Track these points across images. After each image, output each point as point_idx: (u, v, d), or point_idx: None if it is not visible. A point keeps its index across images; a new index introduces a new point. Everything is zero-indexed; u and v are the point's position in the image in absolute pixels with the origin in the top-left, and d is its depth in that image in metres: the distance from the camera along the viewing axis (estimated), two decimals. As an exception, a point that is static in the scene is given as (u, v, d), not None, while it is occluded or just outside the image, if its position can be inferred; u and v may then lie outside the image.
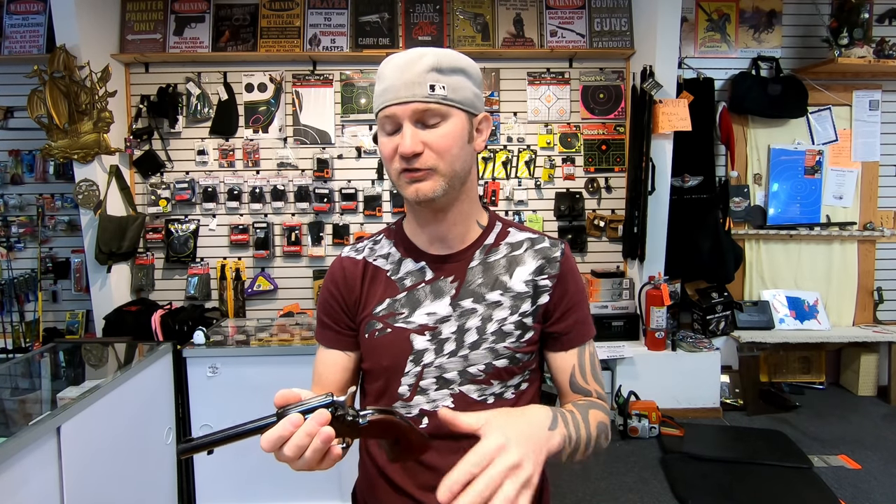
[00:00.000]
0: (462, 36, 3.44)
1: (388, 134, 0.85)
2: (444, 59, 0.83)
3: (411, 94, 0.81)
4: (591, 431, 0.82)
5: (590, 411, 0.85)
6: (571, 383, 0.93)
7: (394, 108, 0.82)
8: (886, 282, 3.71)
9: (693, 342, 3.39)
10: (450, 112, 0.83)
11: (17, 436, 1.45)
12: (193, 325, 2.87)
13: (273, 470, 2.37)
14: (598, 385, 0.93)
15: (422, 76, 0.81)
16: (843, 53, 3.33)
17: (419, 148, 0.82)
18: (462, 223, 0.93)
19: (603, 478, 2.61)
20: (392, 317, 0.91)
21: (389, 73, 0.84)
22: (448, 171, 0.84)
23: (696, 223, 3.44)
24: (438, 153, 0.83)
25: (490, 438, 0.66)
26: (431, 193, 0.84)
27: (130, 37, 3.35)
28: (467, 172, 0.89)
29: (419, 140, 0.82)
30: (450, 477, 0.63)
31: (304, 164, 3.46)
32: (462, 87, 0.84)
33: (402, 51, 0.86)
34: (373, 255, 0.98)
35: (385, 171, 0.91)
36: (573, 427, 0.78)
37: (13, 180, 3.40)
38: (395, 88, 0.82)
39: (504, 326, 0.89)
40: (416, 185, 0.84)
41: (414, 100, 0.81)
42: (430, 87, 0.81)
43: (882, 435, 3.03)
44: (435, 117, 0.83)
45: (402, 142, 0.82)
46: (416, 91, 0.81)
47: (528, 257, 0.93)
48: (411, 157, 0.82)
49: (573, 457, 0.80)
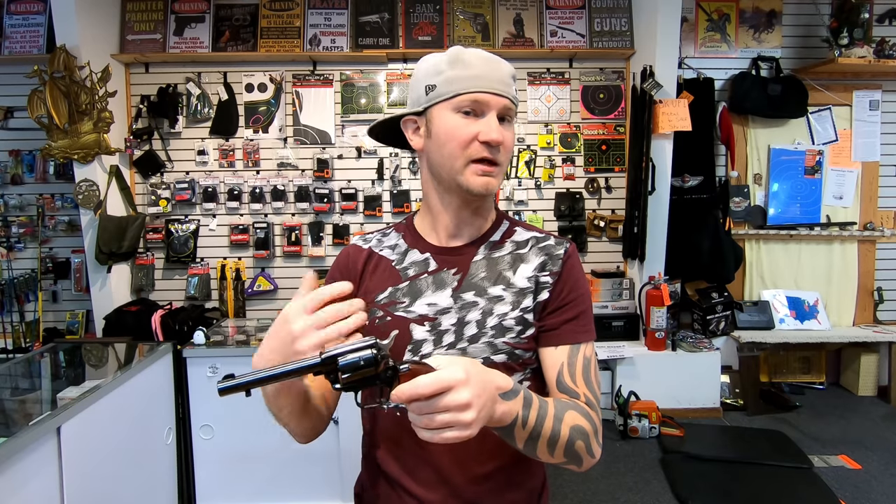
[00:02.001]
0: (462, 36, 3.44)
1: (465, 116, 0.87)
2: (512, 71, 0.92)
3: (505, 90, 0.87)
4: (560, 429, 0.78)
5: (567, 411, 0.81)
6: (558, 382, 0.88)
7: (487, 97, 0.86)
8: (886, 282, 3.71)
9: (693, 342, 3.39)
10: (514, 117, 0.92)
11: (17, 436, 1.45)
12: (193, 325, 2.87)
13: (273, 470, 2.37)
14: (588, 390, 0.88)
15: (508, 77, 0.89)
16: (843, 53, 3.33)
17: (503, 139, 0.87)
18: (484, 216, 0.97)
19: (603, 478, 2.61)
20: (393, 305, 0.92)
21: (477, 62, 0.87)
22: (505, 169, 0.92)
23: (696, 223, 3.44)
24: (507, 151, 0.89)
25: (452, 369, 0.66)
26: (492, 188, 0.89)
27: (130, 37, 3.35)
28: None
29: (502, 133, 0.87)
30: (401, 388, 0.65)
31: (304, 164, 3.46)
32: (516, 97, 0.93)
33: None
34: (380, 246, 1.00)
35: (440, 155, 0.88)
36: (534, 413, 0.76)
37: (13, 180, 3.40)
38: (488, 78, 0.86)
39: (504, 321, 0.89)
40: (487, 178, 0.88)
41: (507, 95, 0.87)
42: (514, 90, 0.90)
43: (882, 435, 3.03)
44: (511, 116, 0.90)
45: (488, 129, 0.85)
46: (508, 89, 0.88)
47: (532, 255, 0.94)
48: (495, 146, 0.86)
49: (531, 447, 0.77)
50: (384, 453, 0.93)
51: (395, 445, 0.92)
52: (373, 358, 0.68)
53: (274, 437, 2.19)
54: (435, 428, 0.66)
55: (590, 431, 0.82)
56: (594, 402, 0.88)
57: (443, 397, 0.65)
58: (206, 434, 2.37)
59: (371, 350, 0.68)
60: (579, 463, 0.83)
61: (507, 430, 0.74)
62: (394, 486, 0.92)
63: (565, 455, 0.80)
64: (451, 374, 0.66)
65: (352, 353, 0.68)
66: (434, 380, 0.65)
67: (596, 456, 0.84)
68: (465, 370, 0.67)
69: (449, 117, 0.87)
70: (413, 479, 0.90)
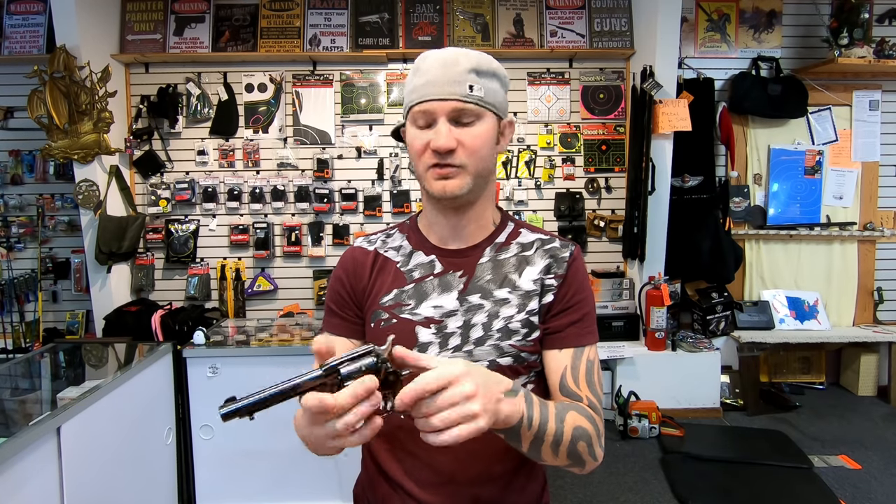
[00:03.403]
0: (462, 36, 3.44)
1: (421, 129, 0.87)
2: (483, 61, 0.87)
3: (451, 92, 0.84)
4: (563, 430, 0.78)
5: (569, 412, 0.80)
6: (561, 385, 0.88)
7: (432, 104, 0.84)
8: (886, 282, 3.71)
9: (693, 342, 3.39)
10: (483, 113, 0.86)
11: (17, 436, 1.45)
12: (193, 325, 2.87)
13: (273, 470, 2.37)
14: (591, 393, 0.87)
15: (462, 75, 0.84)
16: (843, 53, 3.33)
17: (453, 144, 0.84)
18: (477, 221, 0.95)
19: (603, 478, 2.61)
20: (398, 307, 0.92)
21: (429, 68, 0.86)
22: (475, 170, 0.87)
23: (696, 223, 3.44)
24: (470, 152, 0.86)
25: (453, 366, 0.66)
26: (458, 191, 0.87)
27: (130, 37, 3.35)
28: (490, 172, 0.92)
29: (453, 137, 0.85)
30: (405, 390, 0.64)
31: (304, 165, 3.46)
32: (495, 90, 0.88)
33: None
34: (384, 247, 0.99)
35: (411, 165, 0.93)
36: (537, 412, 0.75)
37: (13, 180, 3.40)
38: (434, 84, 0.84)
39: (510, 324, 0.89)
40: (443, 181, 0.86)
41: (453, 98, 0.84)
42: (468, 87, 0.84)
43: (882, 435, 3.03)
44: (470, 117, 0.86)
45: (436, 137, 0.84)
46: (456, 89, 0.84)
47: (537, 257, 0.93)
48: (444, 153, 0.85)
49: (536, 448, 0.77)
50: (384, 454, 0.93)
51: (396, 447, 0.91)
52: (374, 364, 0.67)
53: (274, 437, 2.20)
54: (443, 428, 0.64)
55: (592, 433, 0.82)
56: (597, 405, 0.87)
57: (446, 391, 0.64)
58: (206, 434, 2.36)
59: (371, 357, 0.67)
60: (582, 465, 0.83)
61: (514, 431, 0.74)
62: (394, 488, 0.92)
63: (569, 457, 0.80)
64: (451, 368, 0.66)
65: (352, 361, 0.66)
66: (436, 375, 0.65)
67: (598, 459, 0.84)
68: (464, 364, 0.67)
69: (410, 130, 0.89)
70: (413, 480, 0.90)
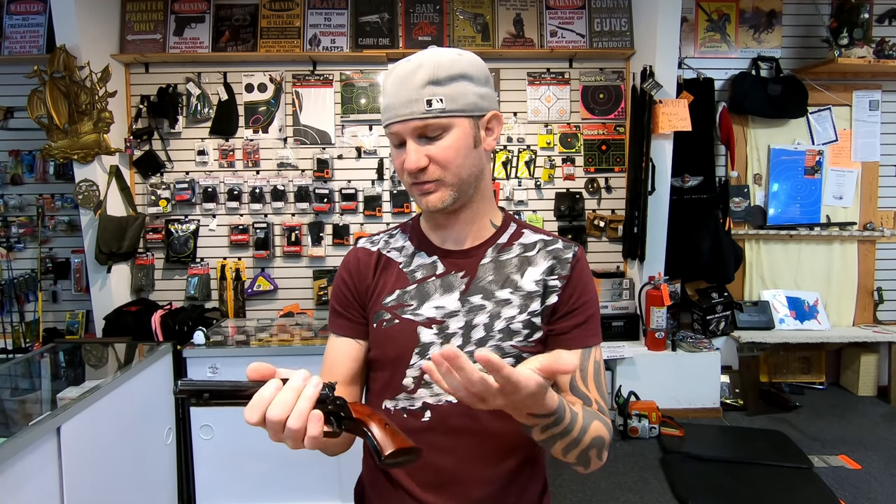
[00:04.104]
0: (462, 36, 3.44)
1: (396, 148, 0.88)
2: (441, 68, 0.82)
3: (409, 112, 0.83)
4: (585, 436, 0.79)
5: (593, 421, 0.81)
6: (572, 386, 0.89)
7: (396, 126, 0.85)
8: (886, 282, 3.71)
9: (693, 342, 3.39)
10: (451, 123, 0.84)
11: (17, 436, 1.45)
12: (193, 325, 2.87)
13: (273, 470, 2.37)
14: (598, 395, 0.89)
15: (418, 92, 0.82)
16: (843, 53, 3.33)
17: (423, 163, 0.84)
18: (475, 222, 0.94)
19: (603, 478, 2.61)
20: (400, 308, 0.92)
21: (389, 88, 0.85)
22: (454, 180, 0.86)
23: (696, 223, 3.44)
24: (442, 165, 0.85)
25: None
26: (441, 204, 0.87)
27: (130, 37, 3.35)
28: (478, 175, 0.90)
29: (423, 154, 0.84)
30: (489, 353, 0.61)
31: (304, 165, 3.46)
32: (462, 92, 0.84)
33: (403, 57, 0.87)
34: (387, 248, 0.99)
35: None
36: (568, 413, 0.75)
37: (13, 180, 3.40)
38: (394, 106, 0.84)
39: (512, 325, 0.89)
40: (425, 197, 0.87)
41: (412, 118, 0.83)
42: (427, 103, 0.82)
43: (882, 435, 3.03)
44: (436, 130, 0.84)
45: (406, 158, 0.85)
46: (414, 108, 0.82)
47: (539, 258, 0.93)
48: (417, 172, 0.85)
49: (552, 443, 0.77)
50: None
51: None
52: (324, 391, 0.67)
53: (274, 437, 2.20)
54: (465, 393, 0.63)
55: (606, 441, 0.84)
56: (605, 407, 0.88)
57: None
58: (206, 434, 2.36)
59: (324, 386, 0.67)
60: (587, 466, 0.84)
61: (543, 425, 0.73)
62: (395, 487, 0.92)
63: (577, 459, 0.81)
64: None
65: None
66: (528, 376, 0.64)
67: (604, 461, 0.85)
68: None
69: (392, 150, 0.91)
70: (414, 480, 0.90)
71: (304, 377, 0.64)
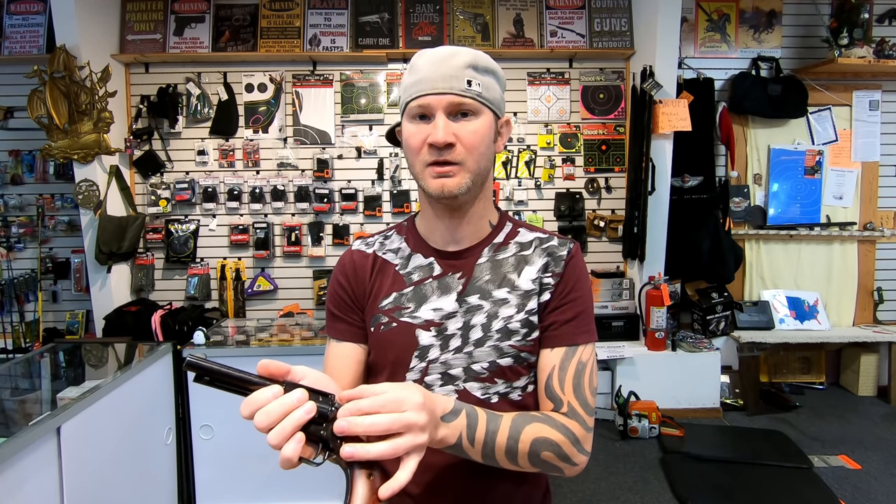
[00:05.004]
0: (462, 36, 3.44)
1: (415, 122, 0.86)
2: (481, 58, 0.86)
3: (449, 87, 0.83)
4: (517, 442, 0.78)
5: (528, 425, 0.80)
6: (546, 387, 0.86)
7: (429, 99, 0.83)
8: (886, 282, 3.71)
9: (693, 342, 3.39)
10: (481, 109, 0.85)
11: (17, 436, 1.45)
12: (193, 325, 2.88)
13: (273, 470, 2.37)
14: (575, 397, 0.85)
15: (460, 70, 0.83)
16: (843, 53, 3.33)
17: (452, 139, 0.83)
18: (475, 221, 0.94)
19: (603, 478, 2.61)
20: (398, 311, 0.91)
21: (425, 64, 0.85)
22: (475, 167, 0.86)
23: (696, 223, 3.44)
24: (469, 148, 0.84)
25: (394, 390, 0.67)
26: (456, 189, 0.85)
27: (130, 37, 3.35)
28: (489, 170, 0.91)
29: (451, 132, 0.83)
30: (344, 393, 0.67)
31: (304, 165, 3.46)
32: (493, 87, 0.87)
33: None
34: (382, 249, 0.98)
35: (408, 163, 0.90)
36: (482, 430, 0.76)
37: (13, 180, 3.40)
38: (431, 80, 0.83)
39: (510, 324, 0.88)
40: (442, 179, 0.85)
41: (451, 92, 0.83)
42: (467, 82, 0.83)
43: (882, 435, 3.03)
44: (469, 110, 0.84)
45: (434, 131, 0.83)
46: (454, 84, 0.83)
47: (536, 256, 0.93)
48: (443, 149, 0.83)
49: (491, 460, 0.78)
50: None
51: None
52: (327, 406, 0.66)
53: (274, 437, 2.19)
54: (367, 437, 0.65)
55: (561, 441, 0.81)
56: (578, 409, 0.85)
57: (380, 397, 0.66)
58: (206, 434, 2.36)
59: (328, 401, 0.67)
60: (559, 470, 0.83)
61: (456, 448, 0.76)
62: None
63: (534, 465, 0.81)
64: (390, 384, 0.69)
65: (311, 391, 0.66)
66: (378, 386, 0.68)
67: (578, 463, 0.83)
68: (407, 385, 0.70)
69: (406, 126, 0.88)
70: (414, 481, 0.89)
71: (300, 398, 0.63)
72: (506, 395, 0.89)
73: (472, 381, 0.88)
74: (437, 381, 0.88)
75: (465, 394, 0.88)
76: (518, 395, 0.90)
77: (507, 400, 0.89)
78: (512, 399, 0.89)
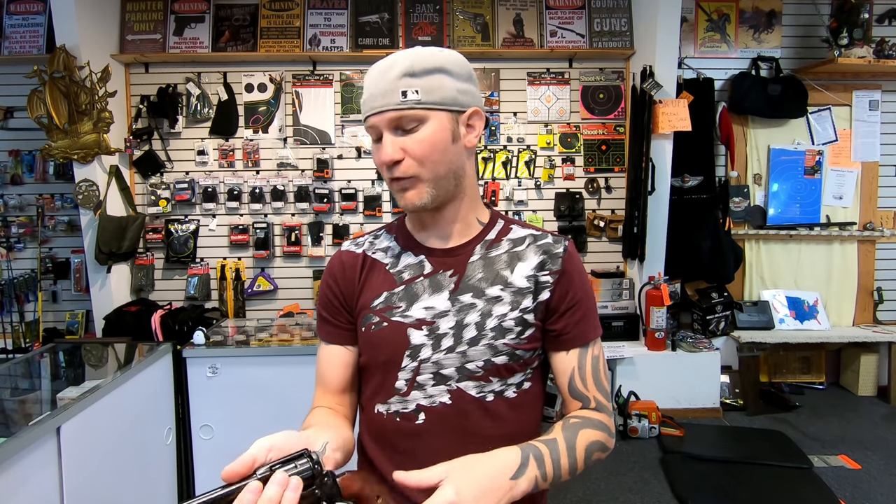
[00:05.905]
0: (462, 36, 3.44)
1: (375, 143, 0.87)
2: (419, 61, 0.82)
3: (384, 103, 0.82)
4: (578, 457, 0.82)
5: (578, 434, 0.84)
6: (570, 388, 0.90)
7: (372, 119, 0.84)
8: (886, 282, 3.71)
9: (693, 342, 3.39)
10: (426, 115, 0.82)
11: (17, 436, 1.45)
12: (193, 325, 2.87)
13: (273, 470, 2.37)
14: (598, 392, 0.90)
15: (394, 83, 0.82)
16: (842, 53, 3.33)
17: (398, 155, 0.83)
18: (460, 220, 0.93)
19: (603, 478, 2.61)
20: (389, 310, 0.90)
21: (369, 82, 0.85)
22: (431, 176, 0.85)
23: (696, 223, 3.44)
24: (419, 159, 0.83)
25: (442, 491, 0.68)
26: (418, 202, 0.85)
27: (130, 37, 3.35)
28: (457, 172, 0.88)
29: (398, 147, 0.83)
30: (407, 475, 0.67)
31: (304, 165, 3.46)
32: (440, 86, 0.83)
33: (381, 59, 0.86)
34: (372, 249, 0.98)
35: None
36: (549, 463, 0.79)
37: (13, 180, 3.40)
38: (373, 97, 0.84)
39: (504, 322, 0.88)
40: (403, 193, 0.86)
41: (387, 108, 0.82)
42: (401, 94, 0.81)
43: (882, 435, 3.03)
44: (411, 122, 0.83)
45: (381, 150, 0.84)
46: (389, 99, 0.82)
47: (529, 253, 0.92)
48: (392, 166, 0.84)
49: (558, 484, 0.81)
50: (380, 455, 0.92)
51: (391, 448, 0.91)
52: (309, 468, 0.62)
53: (274, 437, 2.19)
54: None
55: (603, 438, 0.87)
56: (604, 402, 0.91)
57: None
58: (206, 434, 2.36)
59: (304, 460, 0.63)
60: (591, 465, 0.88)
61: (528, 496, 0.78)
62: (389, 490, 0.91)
63: (587, 466, 0.85)
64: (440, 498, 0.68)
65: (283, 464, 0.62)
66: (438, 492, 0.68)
67: (611, 448, 0.89)
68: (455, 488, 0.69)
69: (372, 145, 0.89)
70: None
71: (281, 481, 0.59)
72: (501, 392, 0.89)
73: (466, 381, 0.88)
74: (429, 381, 0.88)
75: (459, 393, 0.87)
76: (513, 393, 0.89)
77: (503, 398, 0.89)
78: (507, 397, 0.89)
